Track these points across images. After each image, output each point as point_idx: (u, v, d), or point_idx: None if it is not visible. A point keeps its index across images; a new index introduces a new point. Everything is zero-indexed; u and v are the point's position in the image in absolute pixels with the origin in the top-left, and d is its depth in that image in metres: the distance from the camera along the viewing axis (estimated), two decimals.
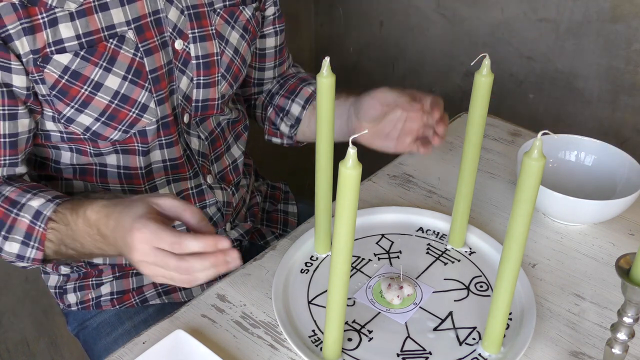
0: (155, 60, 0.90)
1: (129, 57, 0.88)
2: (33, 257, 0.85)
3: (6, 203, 0.85)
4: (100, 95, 0.87)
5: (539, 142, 0.63)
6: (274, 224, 1.19)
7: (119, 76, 0.87)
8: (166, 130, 0.95)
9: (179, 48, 0.93)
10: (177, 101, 0.96)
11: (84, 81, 0.86)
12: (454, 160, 1.13)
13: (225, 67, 0.99)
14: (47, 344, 1.61)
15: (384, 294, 0.85)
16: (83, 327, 1.06)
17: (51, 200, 0.84)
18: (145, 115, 0.91)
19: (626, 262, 0.64)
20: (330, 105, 0.79)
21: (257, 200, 1.19)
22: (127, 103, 0.89)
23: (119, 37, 0.87)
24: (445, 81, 1.78)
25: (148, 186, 0.99)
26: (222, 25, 0.97)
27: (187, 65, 0.95)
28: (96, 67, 0.86)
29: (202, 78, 0.97)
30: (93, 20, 0.85)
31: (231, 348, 0.79)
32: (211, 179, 1.05)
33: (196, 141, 1.01)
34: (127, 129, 0.91)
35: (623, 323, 0.67)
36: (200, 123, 1.01)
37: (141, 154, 0.95)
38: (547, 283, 0.89)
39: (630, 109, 1.48)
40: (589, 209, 0.93)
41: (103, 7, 0.85)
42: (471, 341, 0.80)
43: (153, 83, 0.90)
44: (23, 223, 0.84)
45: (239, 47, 1.01)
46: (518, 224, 0.67)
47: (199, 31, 0.94)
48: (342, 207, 0.65)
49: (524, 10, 1.54)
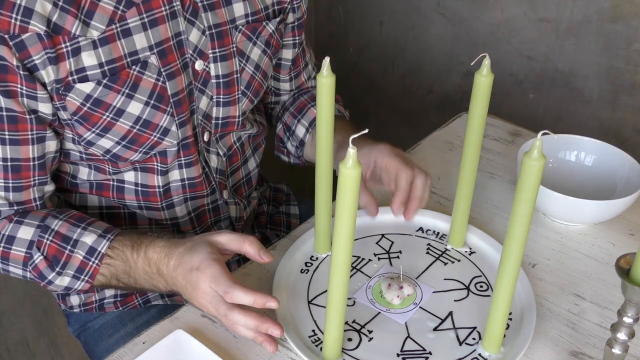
0: (177, 83, 0.89)
1: (151, 82, 0.86)
2: (80, 288, 0.87)
3: (57, 239, 0.85)
4: (122, 121, 0.87)
5: (539, 142, 0.63)
6: (277, 227, 1.19)
7: (141, 102, 0.87)
8: (186, 150, 0.94)
9: (199, 69, 0.91)
10: (197, 121, 0.94)
11: (105, 108, 0.85)
12: (454, 160, 1.13)
13: (245, 85, 0.97)
14: (47, 344, 1.61)
15: (384, 294, 0.85)
16: (85, 329, 1.06)
17: (103, 236, 0.85)
18: (167, 139, 0.91)
19: (626, 262, 0.64)
20: (330, 105, 0.79)
21: (263, 209, 1.19)
22: (149, 128, 0.88)
23: (141, 63, 0.85)
24: (445, 81, 1.78)
25: (165, 203, 0.98)
26: (243, 42, 0.95)
27: (207, 85, 0.93)
28: (118, 95, 0.85)
29: (222, 97, 0.95)
30: (116, 48, 0.83)
31: (231, 348, 0.79)
32: (227, 194, 1.05)
33: (215, 158, 1.00)
34: (147, 151, 0.91)
35: (623, 323, 0.67)
36: (220, 139, 1.00)
37: (160, 173, 0.95)
38: (547, 283, 0.89)
39: (630, 109, 1.48)
40: (589, 209, 0.93)
41: (126, 33, 0.83)
42: (471, 341, 0.80)
43: (175, 106, 0.89)
44: (77, 259, 0.85)
45: (260, 62, 0.99)
46: (518, 224, 0.67)
47: (219, 50, 0.92)
48: (342, 207, 0.65)
49: (524, 10, 1.54)
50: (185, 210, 1.00)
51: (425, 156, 1.14)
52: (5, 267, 0.88)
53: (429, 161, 1.12)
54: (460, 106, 1.78)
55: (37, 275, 0.86)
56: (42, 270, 0.86)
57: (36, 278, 0.87)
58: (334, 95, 0.79)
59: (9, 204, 0.87)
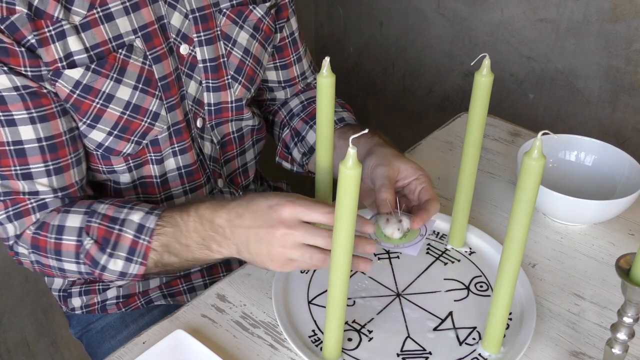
0: (165, 67, 0.89)
1: (138, 65, 0.87)
2: (135, 272, 0.84)
3: (105, 220, 0.84)
4: (112, 107, 0.87)
5: (539, 142, 0.63)
6: None
7: (129, 86, 0.87)
8: (179, 136, 0.94)
9: (185, 53, 0.92)
10: (188, 106, 0.95)
11: (95, 94, 0.85)
12: (454, 160, 1.13)
13: (234, 69, 0.97)
14: (47, 344, 1.61)
15: (383, 230, 0.80)
16: (87, 330, 1.06)
17: (150, 212, 0.84)
18: (157, 124, 0.91)
19: (626, 262, 0.64)
20: (330, 105, 0.79)
21: None
22: (139, 113, 0.88)
23: (127, 47, 0.86)
24: (445, 81, 1.78)
25: (164, 195, 0.98)
26: (228, 25, 0.95)
27: (194, 70, 0.94)
28: (107, 79, 0.85)
29: (210, 81, 0.95)
30: (99, 32, 0.83)
31: (231, 348, 0.79)
32: (222, 182, 1.05)
33: (208, 146, 1.00)
34: (139, 140, 0.91)
35: (623, 323, 0.67)
36: (215, 127, 1.00)
37: (155, 162, 0.95)
38: (547, 283, 0.89)
39: (630, 109, 1.48)
40: (589, 209, 0.93)
41: (108, 18, 0.84)
42: (471, 341, 0.80)
43: (163, 90, 0.90)
44: (127, 239, 0.83)
45: (250, 47, 0.98)
46: (518, 224, 0.67)
47: (204, 34, 0.93)
48: (342, 207, 0.65)
49: (523, 10, 1.54)
50: None
51: (425, 156, 1.14)
52: (60, 264, 0.87)
53: (429, 161, 1.12)
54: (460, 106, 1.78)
55: (90, 262, 0.85)
56: (94, 255, 0.84)
57: (90, 266, 0.85)
58: (334, 95, 0.79)
59: (53, 190, 0.86)
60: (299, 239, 0.74)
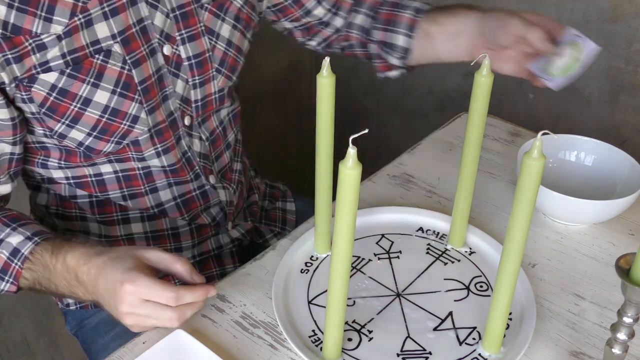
0: (144, 70, 0.88)
1: (116, 70, 0.86)
2: (7, 289, 0.85)
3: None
4: (90, 111, 0.86)
5: (539, 142, 0.63)
6: (273, 222, 1.19)
7: (107, 91, 0.86)
8: (160, 137, 0.94)
9: (169, 53, 0.91)
10: (174, 105, 0.94)
11: (72, 98, 0.85)
12: (454, 160, 1.13)
13: (218, 62, 0.97)
14: (47, 344, 1.61)
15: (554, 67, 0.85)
16: (81, 326, 1.07)
17: (30, 238, 0.84)
18: (137, 126, 0.90)
19: (626, 262, 0.64)
20: (330, 105, 0.79)
21: (255, 198, 1.18)
22: (118, 116, 0.88)
23: (104, 52, 0.85)
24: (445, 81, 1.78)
25: (148, 187, 0.98)
26: (211, 19, 0.95)
27: (180, 68, 0.93)
28: (83, 84, 0.85)
29: (197, 77, 0.95)
30: (78, 38, 0.83)
31: (231, 348, 0.79)
32: (213, 178, 1.04)
33: (198, 143, 1.00)
34: (119, 140, 0.91)
35: (623, 323, 0.67)
36: (202, 123, 1.00)
37: (137, 160, 0.95)
38: (547, 283, 0.89)
39: (630, 109, 1.48)
40: (589, 209, 0.93)
41: (88, 24, 0.83)
42: (471, 341, 0.80)
43: (143, 94, 0.89)
44: (0, 259, 0.84)
45: (232, 38, 0.98)
46: (518, 224, 0.67)
47: (186, 31, 0.92)
48: (342, 207, 0.65)
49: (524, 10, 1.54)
50: (170, 195, 1.00)
51: (425, 156, 1.14)
52: None
53: (429, 161, 1.12)
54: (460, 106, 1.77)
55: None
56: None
57: None
58: (334, 95, 0.78)
59: None
60: (143, 315, 0.77)
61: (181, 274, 0.80)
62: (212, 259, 1.07)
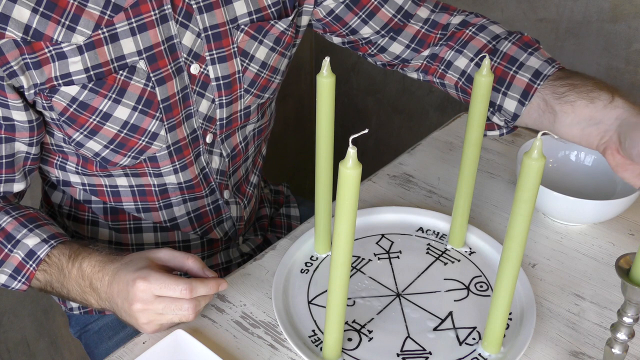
0: (168, 88, 0.87)
1: (139, 87, 0.85)
2: (17, 288, 0.86)
3: (1, 236, 0.85)
4: (109, 125, 0.86)
5: (539, 142, 0.63)
6: (278, 229, 1.19)
7: (128, 107, 0.85)
8: (179, 154, 0.93)
9: (195, 72, 0.89)
10: (197, 123, 0.93)
11: (92, 112, 0.84)
12: (454, 160, 1.13)
13: (249, 83, 0.95)
14: (47, 344, 1.61)
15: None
16: (85, 331, 1.06)
17: (46, 241, 0.84)
18: (155, 143, 0.90)
19: (626, 262, 0.65)
20: (330, 105, 0.79)
21: (266, 212, 1.18)
22: (137, 132, 0.87)
23: (129, 68, 0.84)
24: None
25: (162, 203, 0.97)
26: (246, 41, 0.92)
27: (207, 88, 0.91)
28: (105, 99, 0.84)
29: (224, 98, 0.93)
30: (102, 52, 0.81)
31: (231, 348, 0.79)
32: (228, 193, 1.04)
33: (217, 160, 0.99)
34: (136, 155, 0.90)
35: (623, 323, 0.67)
36: (225, 140, 0.98)
37: (153, 175, 0.94)
38: (547, 283, 0.89)
39: None
40: (589, 209, 0.93)
41: (113, 38, 0.81)
42: (471, 341, 0.80)
43: (164, 112, 0.88)
44: (15, 259, 0.84)
45: (268, 60, 0.95)
46: (518, 224, 0.67)
47: (217, 52, 0.90)
48: (342, 207, 0.66)
49: (523, 10, 1.54)
50: (184, 210, 1.00)
51: (425, 156, 1.14)
52: None
53: (429, 161, 1.12)
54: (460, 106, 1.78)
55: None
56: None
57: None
58: (333, 95, 0.78)
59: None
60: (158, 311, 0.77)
61: (193, 270, 0.81)
62: (220, 272, 1.07)
